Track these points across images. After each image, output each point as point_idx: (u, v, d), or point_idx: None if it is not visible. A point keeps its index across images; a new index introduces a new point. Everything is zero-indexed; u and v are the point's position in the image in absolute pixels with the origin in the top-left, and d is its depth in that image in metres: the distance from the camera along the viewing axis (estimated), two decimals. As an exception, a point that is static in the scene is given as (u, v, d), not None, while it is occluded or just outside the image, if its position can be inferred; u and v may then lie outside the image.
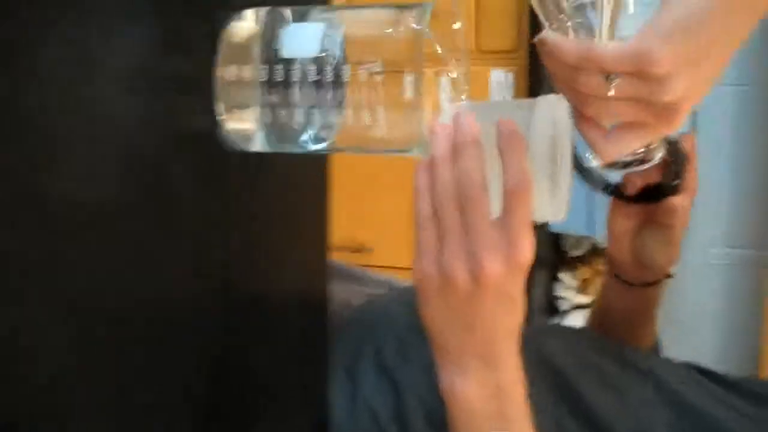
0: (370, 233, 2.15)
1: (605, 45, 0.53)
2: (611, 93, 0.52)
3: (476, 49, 2.04)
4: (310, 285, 0.89)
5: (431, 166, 0.61)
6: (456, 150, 0.60)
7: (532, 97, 0.67)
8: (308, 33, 0.64)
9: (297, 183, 0.83)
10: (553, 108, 0.62)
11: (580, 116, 0.57)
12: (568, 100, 0.58)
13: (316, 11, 0.66)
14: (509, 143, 0.59)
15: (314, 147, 0.67)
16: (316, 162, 0.84)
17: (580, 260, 1.84)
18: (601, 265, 1.82)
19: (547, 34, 0.55)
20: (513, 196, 0.58)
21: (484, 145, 0.61)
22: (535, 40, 0.57)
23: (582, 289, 1.86)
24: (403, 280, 1.05)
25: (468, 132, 0.60)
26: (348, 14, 0.65)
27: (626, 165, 0.65)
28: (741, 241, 1.99)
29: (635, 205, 0.78)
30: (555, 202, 0.61)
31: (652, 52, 0.50)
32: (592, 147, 0.57)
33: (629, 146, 0.56)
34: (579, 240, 1.86)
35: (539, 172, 0.61)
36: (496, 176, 0.60)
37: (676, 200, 0.76)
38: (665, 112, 0.53)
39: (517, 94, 2.00)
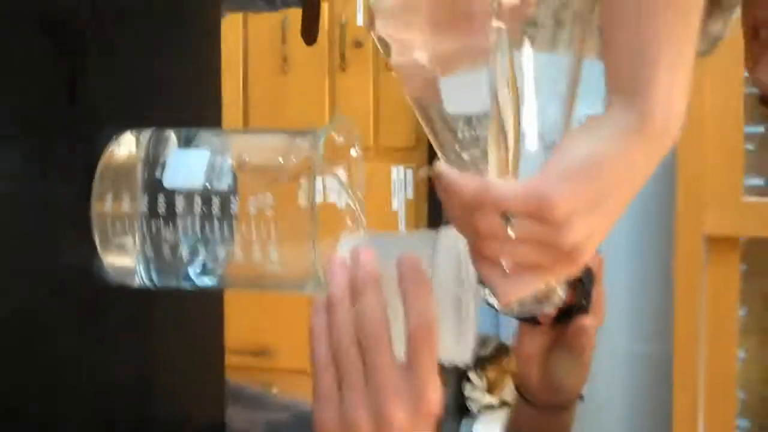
0: (271, 335, 2.07)
1: (503, 184, 0.50)
2: (509, 234, 0.49)
3: (375, 146, 2.04)
4: (207, 412, 0.83)
5: (328, 306, 0.57)
6: (355, 288, 0.56)
7: (433, 194, 0.64)
8: (193, 160, 0.59)
9: (190, 307, 0.78)
10: (456, 242, 0.58)
11: (477, 255, 0.53)
12: (465, 238, 0.54)
13: (204, 135, 0.61)
14: (412, 281, 0.56)
15: (201, 283, 0.61)
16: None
17: (488, 360, 1.82)
18: (507, 365, 1.79)
19: (442, 167, 0.52)
20: (417, 338, 0.54)
21: (385, 283, 0.57)
22: (429, 172, 0.54)
23: (491, 389, 1.83)
24: (308, 403, 0.98)
25: (367, 269, 0.56)
26: (237, 140, 0.61)
27: (522, 306, 0.62)
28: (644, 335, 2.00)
29: (543, 327, 0.75)
30: (461, 341, 0.57)
31: (550, 195, 0.48)
32: (490, 288, 0.54)
33: (528, 288, 0.53)
34: (485, 339, 1.84)
35: (444, 311, 0.57)
36: (398, 316, 0.56)
37: (586, 321, 0.73)
38: (566, 255, 0.50)
39: (418, 191, 1.99)
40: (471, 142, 0.53)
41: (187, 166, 0.59)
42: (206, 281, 0.62)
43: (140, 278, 0.62)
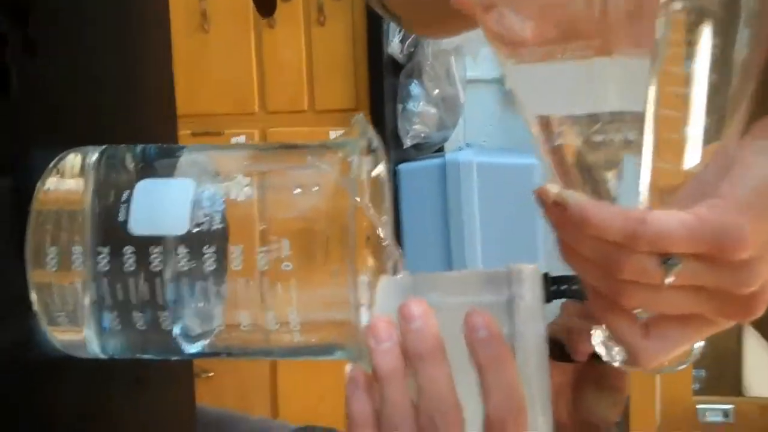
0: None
1: (665, 216, 0.37)
2: (669, 280, 0.38)
3: (312, 109, 1.86)
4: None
5: (373, 382, 0.42)
6: (411, 357, 0.42)
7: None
8: (172, 195, 0.43)
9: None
10: (538, 288, 0.44)
11: (609, 307, 0.41)
12: (590, 283, 0.41)
13: (182, 155, 0.45)
14: (488, 348, 0.41)
15: (186, 351, 0.45)
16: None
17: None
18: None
19: (570, 192, 0.39)
20: (501, 425, 0.41)
21: (447, 347, 0.42)
22: (535, 191, 0.40)
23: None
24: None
25: (425, 328, 0.42)
26: (234, 162, 0.45)
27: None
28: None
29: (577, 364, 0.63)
30: (544, 421, 0.43)
31: (735, 230, 0.37)
32: (627, 347, 0.41)
33: (679, 346, 0.41)
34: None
35: (530, 385, 0.42)
36: (470, 394, 0.41)
37: None
38: (743, 303, 0.39)
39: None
40: (601, 154, 0.38)
41: (163, 203, 0.42)
42: (191, 349, 0.45)
43: (97, 350, 0.46)
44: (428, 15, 0.70)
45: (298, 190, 0.42)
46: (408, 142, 1.84)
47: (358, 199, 0.41)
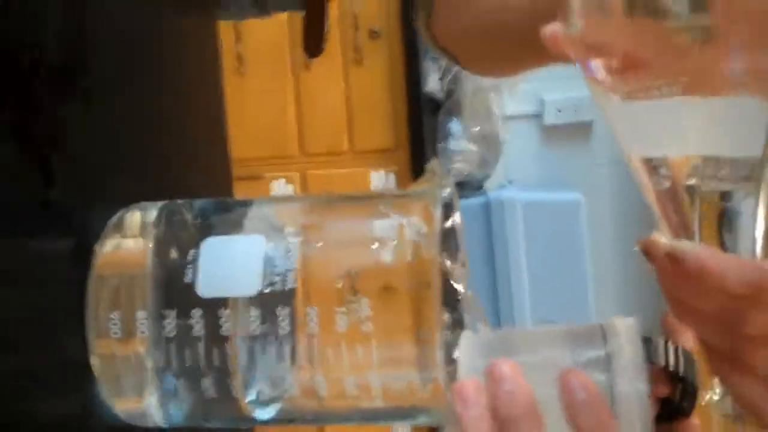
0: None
1: None
2: None
3: (351, 150, 1.85)
4: None
5: None
6: (503, 423, 0.38)
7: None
8: (240, 253, 0.40)
9: None
10: (638, 343, 0.40)
11: (732, 366, 0.38)
12: (710, 342, 0.38)
13: (249, 209, 0.42)
14: (588, 414, 0.38)
15: (262, 416, 0.42)
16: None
17: None
18: None
19: (673, 241, 0.36)
20: None
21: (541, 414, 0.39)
22: (640, 243, 0.37)
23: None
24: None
25: (517, 392, 0.39)
26: (300, 213, 0.42)
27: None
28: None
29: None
30: None
31: None
32: (754, 410, 0.38)
33: None
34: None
35: None
36: None
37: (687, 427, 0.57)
38: None
39: (402, 196, 1.81)
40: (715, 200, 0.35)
41: (232, 262, 0.40)
42: (263, 415, 0.43)
43: (160, 420, 0.43)
44: (481, 52, 0.68)
45: (376, 245, 0.39)
46: (449, 181, 1.81)
47: (441, 253, 0.38)
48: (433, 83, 1.81)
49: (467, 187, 1.92)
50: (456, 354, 0.41)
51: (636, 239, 0.37)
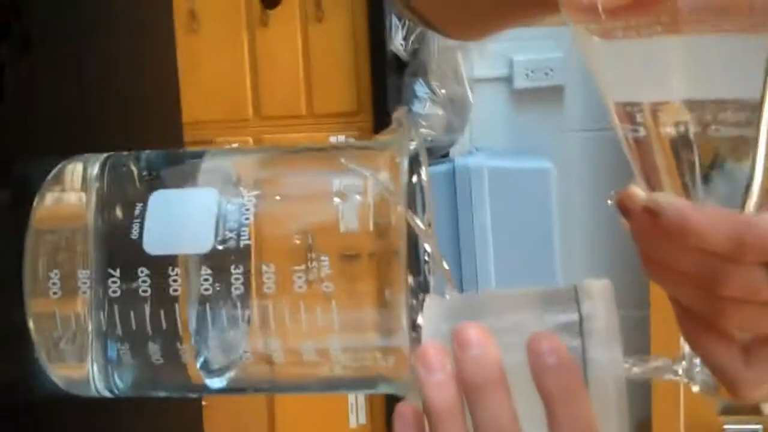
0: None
1: None
2: None
3: (310, 114, 1.83)
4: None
5: (424, 417, 0.39)
6: (469, 390, 0.38)
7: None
8: (192, 208, 0.39)
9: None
10: (612, 307, 0.40)
11: (704, 329, 0.37)
12: (684, 302, 0.38)
13: (200, 162, 0.41)
14: (558, 377, 0.38)
15: (213, 384, 0.41)
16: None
17: None
18: None
19: (652, 193, 0.36)
20: None
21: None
22: (612, 196, 0.36)
23: None
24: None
25: (484, 357, 0.38)
26: (257, 166, 0.41)
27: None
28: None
29: None
30: None
31: None
32: (725, 375, 0.38)
33: None
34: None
35: (604, 419, 0.39)
36: (531, 427, 0.38)
37: None
38: None
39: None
40: (702, 149, 0.34)
41: (183, 217, 0.39)
42: (215, 384, 0.42)
43: (102, 388, 0.43)
44: (459, 14, 0.67)
45: (337, 200, 0.38)
46: (414, 147, 1.81)
47: (408, 210, 0.38)
48: (397, 42, 1.79)
49: (432, 153, 1.91)
50: (420, 319, 0.41)
51: (610, 194, 0.37)
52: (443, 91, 1.84)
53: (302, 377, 0.41)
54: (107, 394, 0.43)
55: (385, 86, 1.79)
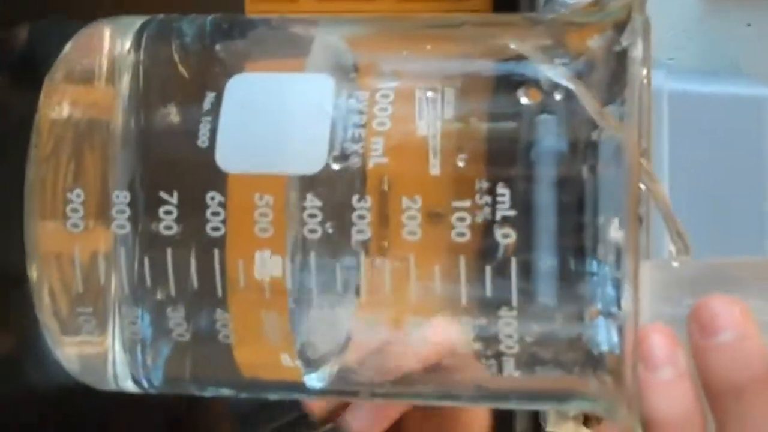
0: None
1: None
2: None
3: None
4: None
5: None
6: (716, 393, 0.43)
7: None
8: (293, 105, 0.39)
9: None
10: None
11: None
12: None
13: (309, 30, 0.41)
14: None
15: (311, 382, 0.42)
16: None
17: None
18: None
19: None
20: None
21: None
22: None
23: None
24: None
25: (746, 349, 0.42)
26: (389, 46, 0.41)
27: None
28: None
29: None
30: None
31: None
32: None
33: None
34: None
35: None
36: None
37: None
38: None
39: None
40: None
41: (277, 117, 0.39)
42: (314, 381, 0.42)
43: (129, 377, 0.44)
44: None
45: (525, 101, 0.37)
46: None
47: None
48: None
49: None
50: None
51: None
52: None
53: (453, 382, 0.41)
54: (130, 387, 0.43)
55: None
